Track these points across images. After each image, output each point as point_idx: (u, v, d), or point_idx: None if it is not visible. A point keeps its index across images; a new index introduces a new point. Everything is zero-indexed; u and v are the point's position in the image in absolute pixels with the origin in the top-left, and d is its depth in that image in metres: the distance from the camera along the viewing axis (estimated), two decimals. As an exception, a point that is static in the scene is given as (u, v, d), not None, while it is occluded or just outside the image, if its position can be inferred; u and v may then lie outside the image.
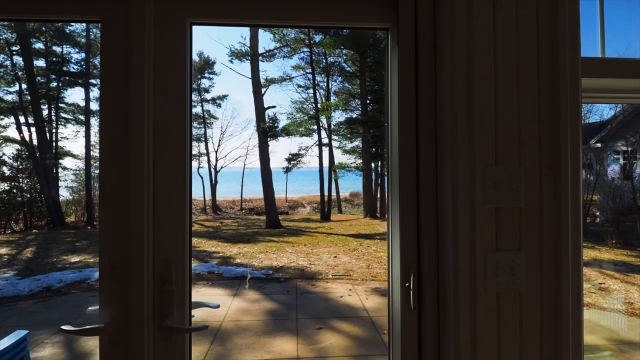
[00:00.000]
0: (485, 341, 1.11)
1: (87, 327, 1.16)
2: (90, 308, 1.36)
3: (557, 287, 1.12)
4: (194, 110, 21.01)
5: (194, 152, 21.75)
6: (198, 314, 4.33)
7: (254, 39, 14.81)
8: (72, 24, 14.98)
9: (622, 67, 1.32)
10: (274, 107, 17.06)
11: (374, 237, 10.68)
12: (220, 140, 22.82)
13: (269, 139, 14.84)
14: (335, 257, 8.12)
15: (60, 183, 15.24)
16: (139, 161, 1.18)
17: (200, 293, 5.77)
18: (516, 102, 1.13)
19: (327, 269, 7.16)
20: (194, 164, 21.70)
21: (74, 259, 7.62)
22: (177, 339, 1.21)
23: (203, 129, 19.01)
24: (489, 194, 1.12)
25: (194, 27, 1.29)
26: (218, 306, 1.37)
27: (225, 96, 19.25)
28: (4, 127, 14.48)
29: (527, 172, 1.13)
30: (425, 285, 1.20)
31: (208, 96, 18.98)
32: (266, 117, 15.33)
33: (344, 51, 17.15)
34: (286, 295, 5.77)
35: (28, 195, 13.87)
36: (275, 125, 15.94)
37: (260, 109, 14.86)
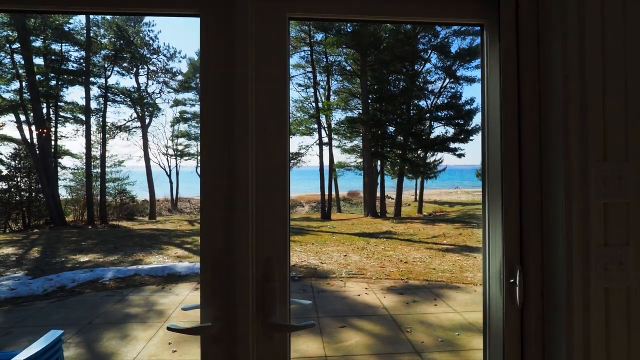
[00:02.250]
0: (596, 334, 1.11)
1: (195, 326, 1.15)
2: (184, 307, 1.34)
3: (664, 282, 1.13)
4: (193, 109, 20.84)
5: (192, 152, 21.64)
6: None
7: (256, 38, 14.74)
8: (71, 22, 14.81)
9: None
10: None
11: (379, 236, 10.71)
12: (219, 140, 22.62)
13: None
14: (346, 256, 8.12)
15: (60, 182, 15.08)
16: (243, 161, 1.17)
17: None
18: (624, 97, 1.14)
19: (339, 268, 7.16)
20: (193, 163, 21.56)
21: (83, 258, 7.53)
22: (280, 337, 1.20)
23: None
24: (600, 190, 1.12)
25: (194, 23, 1.22)
26: (310, 304, 1.36)
27: (225, 95, 19.11)
28: (1, 126, 14.26)
29: (634, 167, 1.14)
30: (530, 281, 1.20)
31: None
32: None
33: (345, 50, 17.17)
34: (302, 294, 5.76)
35: (27, 195, 13.70)
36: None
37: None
